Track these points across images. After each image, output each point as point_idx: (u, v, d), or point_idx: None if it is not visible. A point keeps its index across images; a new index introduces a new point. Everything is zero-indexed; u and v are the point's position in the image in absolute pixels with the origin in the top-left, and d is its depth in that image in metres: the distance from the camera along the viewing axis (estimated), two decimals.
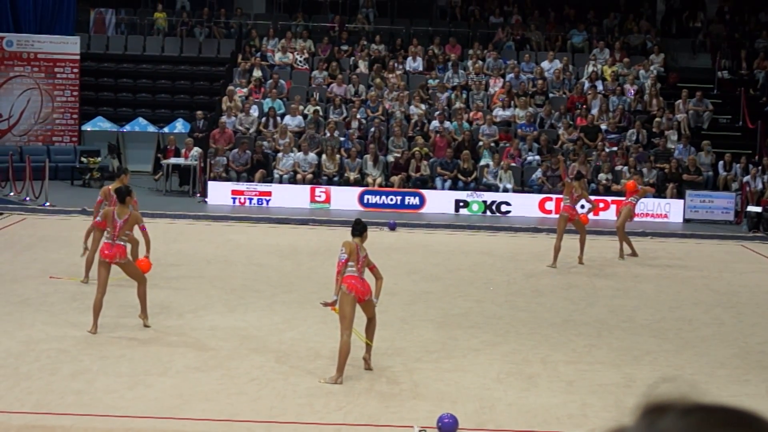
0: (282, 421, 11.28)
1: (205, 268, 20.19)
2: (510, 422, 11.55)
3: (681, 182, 30.86)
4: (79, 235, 20.14)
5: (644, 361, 14.35)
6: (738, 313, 18.08)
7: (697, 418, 1.42)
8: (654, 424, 1.43)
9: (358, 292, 12.77)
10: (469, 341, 15.19)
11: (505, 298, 18.48)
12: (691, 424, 1.41)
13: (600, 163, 31.16)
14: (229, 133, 32.20)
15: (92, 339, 14.43)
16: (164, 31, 39.16)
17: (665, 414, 1.44)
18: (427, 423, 10.97)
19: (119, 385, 12.35)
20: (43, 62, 35.48)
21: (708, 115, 34.28)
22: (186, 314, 16.19)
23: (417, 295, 18.39)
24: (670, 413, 1.44)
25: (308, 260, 21.35)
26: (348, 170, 31.10)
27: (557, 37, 38.25)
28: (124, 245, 15.05)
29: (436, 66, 36.22)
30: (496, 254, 23.31)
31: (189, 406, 11.68)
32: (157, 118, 36.88)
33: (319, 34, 38.03)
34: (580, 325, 16.58)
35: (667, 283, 20.73)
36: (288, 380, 12.80)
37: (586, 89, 34.77)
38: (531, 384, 13.07)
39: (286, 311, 16.59)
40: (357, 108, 33.55)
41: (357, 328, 13.18)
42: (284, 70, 35.88)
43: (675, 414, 1.44)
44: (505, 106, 33.90)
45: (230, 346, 14.41)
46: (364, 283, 12.91)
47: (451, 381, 13.05)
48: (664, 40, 38.51)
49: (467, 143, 31.85)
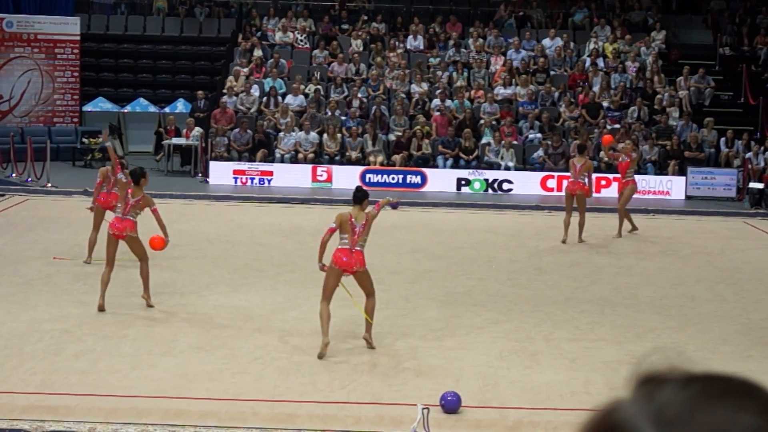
0: (286, 400, 11.30)
1: (207, 248, 20.19)
2: (513, 400, 11.57)
3: (683, 159, 30.84)
4: (80, 216, 20.14)
5: (647, 338, 14.36)
6: (740, 290, 18.08)
7: (698, 388, 1.39)
8: (652, 396, 1.40)
9: (343, 265, 12.83)
10: (472, 319, 15.20)
11: (508, 276, 18.48)
12: (692, 395, 1.38)
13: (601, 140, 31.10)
14: (230, 112, 32.17)
15: (95, 319, 14.45)
16: (164, 11, 39.10)
17: (663, 385, 1.42)
18: (430, 401, 10.98)
19: (123, 364, 12.37)
20: (43, 43, 35.41)
21: (710, 92, 34.22)
22: (189, 294, 16.20)
23: (419, 273, 18.40)
24: (668, 384, 1.41)
25: (310, 239, 21.30)
26: (349, 149, 31.08)
27: (558, 15, 38.17)
28: (134, 221, 15.08)
29: (437, 44, 36.15)
30: (498, 232, 23.29)
31: (193, 385, 11.70)
32: (158, 99, 36.82)
33: (320, 13, 37.94)
34: (582, 302, 16.59)
35: (670, 260, 20.72)
36: (291, 359, 12.82)
37: (588, 67, 34.70)
38: (534, 362, 13.09)
39: (289, 290, 16.60)
40: (358, 87, 33.50)
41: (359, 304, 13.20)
42: (285, 50, 35.80)
43: (674, 385, 1.41)
44: (506, 84, 33.84)
45: (233, 325, 14.42)
46: (354, 254, 12.95)
47: (454, 359, 13.06)
48: (666, 16, 38.41)
49: (468, 121, 31.81)
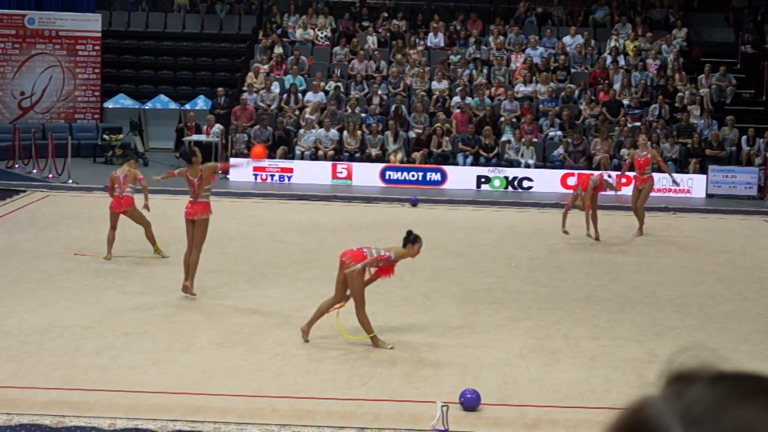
0: (305, 397, 11.33)
1: (227, 244, 20.22)
2: (532, 397, 11.56)
3: (704, 157, 30.74)
4: (101, 213, 20.20)
5: (667, 337, 14.33)
6: (761, 288, 18.01)
7: (726, 386, 1.39)
8: (681, 394, 1.41)
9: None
10: (491, 317, 15.19)
11: (528, 274, 18.46)
12: (721, 393, 1.39)
13: (622, 138, 31.06)
14: (251, 109, 32.22)
15: (116, 315, 14.50)
16: (185, 8, 39.17)
17: (692, 383, 1.42)
18: (449, 398, 10.99)
19: (143, 361, 12.42)
20: (64, 39, 35.51)
21: (731, 90, 34.09)
22: (208, 290, 16.23)
23: (439, 271, 18.39)
24: (698, 382, 1.42)
25: (330, 236, 21.36)
26: (369, 146, 31.09)
27: (579, 12, 38.08)
28: (205, 202, 15.44)
29: (458, 41, 36.12)
30: (518, 230, 23.27)
31: (212, 381, 11.73)
32: (179, 95, 36.88)
33: (340, 10, 37.96)
34: (602, 300, 16.56)
35: (690, 258, 20.66)
36: (311, 356, 12.84)
37: (608, 64, 34.61)
38: (553, 359, 13.08)
39: (309, 287, 16.61)
40: (378, 84, 33.51)
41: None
42: (305, 47, 35.83)
43: (703, 383, 1.41)
44: (526, 82, 33.80)
45: (253, 322, 14.45)
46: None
47: (473, 356, 13.06)
48: (687, 14, 38.29)
49: (489, 119, 31.78)
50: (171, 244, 18.85)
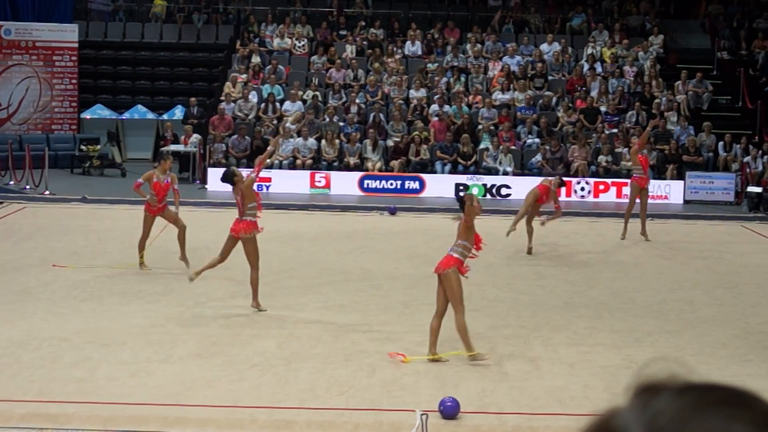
0: (284, 407, 11.30)
1: (205, 254, 20.11)
2: (512, 405, 11.56)
3: (681, 163, 30.85)
4: (78, 224, 20.13)
5: (645, 343, 14.36)
6: (739, 294, 18.09)
7: (692, 398, 1.40)
8: (648, 405, 1.41)
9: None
10: (470, 325, 15.13)
11: (506, 281, 18.48)
12: (686, 404, 1.39)
13: (600, 145, 31.15)
14: (229, 119, 32.18)
15: (94, 327, 14.44)
16: (162, 18, 39.12)
17: (659, 394, 1.43)
18: (429, 407, 10.97)
19: (121, 372, 12.37)
20: (41, 50, 35.41)
21: (708, 96, 34.23)
22: (186, 301, 16.20)
23: (418, 279, 18.37)
24: (664, 393, 1.42)
25: (309, 246, 21.35)
26: (348, 155, 31.09)
27: (556, 20, 38.20)
28: (251, 221, 15.49)
29: (435, 50, 36.17)
30: (497, 237, 23.26)
31: (191, 392, 11.70)
32: (157, 105, 36.82)
33: (318, 19, 37.97)
34: (581, 307, 16.59)
35: (668, 264, 20.73)
36: (290, 366, 12.81)
37: (586, 71, 34.72)
38: (533, 367, 13.09)
39: (287, 297, 16.59)
40: (356, 93, 33.53)
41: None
42: (283, 56, 35.83)
43: (669, 394, 1.42)
44: (504, 90, 33.86)
45: (231, 332, 14.42)
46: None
47: (452, 365, 13.06)
48: (663, 21, 38.45)
49: (467, 127, 31.84)
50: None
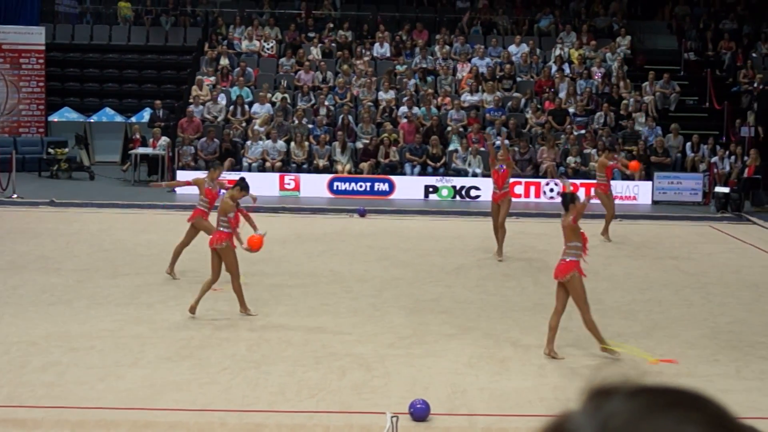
0: (254, 410, 11.27)
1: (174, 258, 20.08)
2: (482, 407, 11.58)
3: (649, 164, 30.99)
4: (46, 227, 20.02)
5: (614, 343, 14.39)
6: (707, 294, 18.18)
7: (644, 400, 1.42)
8: (600, 408, 1.43)
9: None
10: (440, 327, 15.21)
11: (476, 283, 18.51)
12: (638, 407, 1.41)
13: (568, 146, 31.26)
14: (197, 121, 32.10)
15: (62, 331, 14.36)
16: (130, 21, 38.98)
17: (611, 397, 1.44)
18: (399, 409, 10.97)
19: (90, 376, 12.30)
20: (8, 53, 35.22)
21: (675, 97, 34.42)
22: (156, 304, 16.14)
23: (387, 281, 18.40)
24: (617, 396, 1.44)
25: (278, 248, 21.31)
26: (317, 157, 31.07)
27: (524, 21, 38.31)
28: (223, 231, 15.50)
29: (404, 52, 36.20)
30: (466, 239, 23.33)
31: (161, 396, 11.65)
32: (125, 108, 36.70)
33: (286, 21, 37.93)
34: (550, 308, 16.49)
35: (637, 264, 20.81)
36: (260, 369, 12.79)
37: (554, 73, 34.83)
38: (502, 368, 13.11)
39: (257, 300, 16.55)
40: (325, 95, 33.51)
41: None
42: (251, 58, 35.76)
43: (621, 396, 1.43)
44: (472, 91, 33.93)
45: (201, 335, 14.37)
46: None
47: (422, 367, 13.07)
48: (631, 22, 38.63)
49: (435, 128, 31.88)
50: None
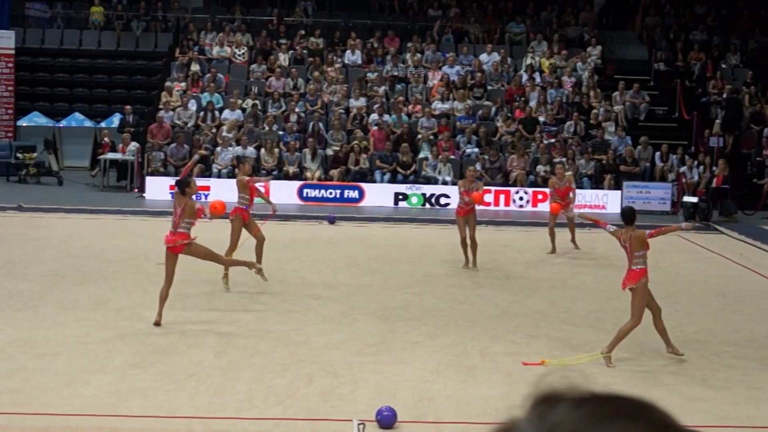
0: (221, 417, 11.23)
1: (143, 263, 20.05)
2: (449, 414, 11.58)
3: (618, 173, 31.13)
4: (13, 232, 19.88)
5: (582, 352, 14.43)
6: (674, 303, 18.21)
7: (589, 409, 1.40)
8: (544, 416, 1.41)
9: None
10: (408, 334, 15.20)
11: (444, 291, 18.52)
12: (583, 415, 1.39)
13: (538, 155, 31.35)
14: (167, 127, 32.00)
15: (28, 336, 14.27)
16: (101, 25, 38.84)
17: (556, 405, 1.43)
18: (366, 416, 10.96)
19: (55, 383, 12.22)
20: None
21: (645, 107, 34.60)
22: (123, 310, 16.06)
23: (356, 288, 18.39)
24: (562, 404, 1.42)
25: (248, 255, 21.22)
26: (287, 164, 31.03)
27: (495, 30, 38.42)
28: (186, 233, 15.70)
29: (375, 59, 36.24)
30: (436, 247, 23.35)
31: (127, 403, 11.59)
32: (94, 113, 36.55)
33: (257, 28, 37.91)
34: (519, 316, 16.65)
35: (605, 273, 20.86)
36: (226, 376, 12.74)
37: (525, 81, 34.95)
38: (470, 376, 13.11)
39: (225, 306, 16.52)
40: (296, 102, 33.48)
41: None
42: (222, 64, 35.72)
43: (567, 405, 1.42)
44: (443, 99, 33.99)
45: (168, 342, 14.31)
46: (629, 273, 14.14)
47: (390, 374, 13.05)
48: (602, 32, 38.80)
49: (406, 136, 31.91)
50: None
